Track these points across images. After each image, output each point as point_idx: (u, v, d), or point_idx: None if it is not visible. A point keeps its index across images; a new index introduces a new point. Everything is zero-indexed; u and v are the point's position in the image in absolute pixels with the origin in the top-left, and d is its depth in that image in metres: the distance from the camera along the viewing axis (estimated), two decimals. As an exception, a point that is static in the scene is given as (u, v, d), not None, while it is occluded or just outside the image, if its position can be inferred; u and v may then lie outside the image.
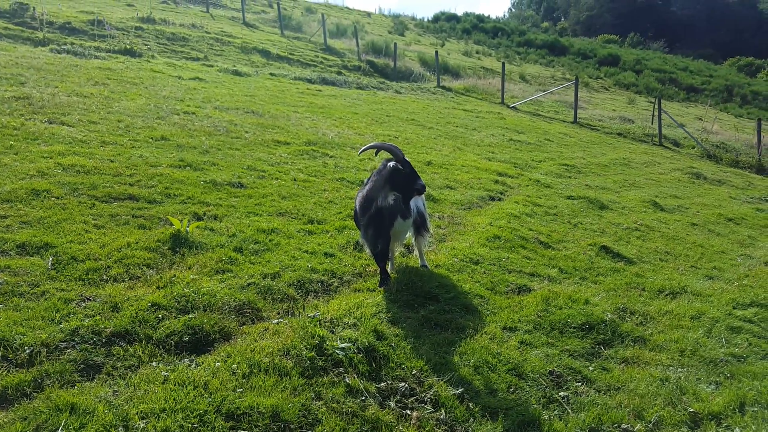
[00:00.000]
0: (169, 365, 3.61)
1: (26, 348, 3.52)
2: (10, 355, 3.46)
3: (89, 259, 4.76)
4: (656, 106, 20.97)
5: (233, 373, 3.56)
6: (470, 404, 3.74)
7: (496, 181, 10.02)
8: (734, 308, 6.03)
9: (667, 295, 6.27)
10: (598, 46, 47.27)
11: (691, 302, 6.06)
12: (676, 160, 16.67)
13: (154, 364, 3.61)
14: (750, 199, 12.86)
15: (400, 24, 41.90)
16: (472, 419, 3.60)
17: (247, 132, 9.97)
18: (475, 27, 48.32)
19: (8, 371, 3.35)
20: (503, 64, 24.06)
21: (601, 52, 43.93)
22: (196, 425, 3.08)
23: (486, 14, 54.85)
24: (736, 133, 22.42)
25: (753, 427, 3.82)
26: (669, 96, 34.17)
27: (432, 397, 3.73)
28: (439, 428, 3.47)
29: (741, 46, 56.34)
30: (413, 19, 48.17)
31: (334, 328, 4.27)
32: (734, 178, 15.23)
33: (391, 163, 4.87)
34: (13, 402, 3.15)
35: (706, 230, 9.58)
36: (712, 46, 59.18)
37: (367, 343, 4.05)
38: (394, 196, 4.96)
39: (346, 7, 48.27)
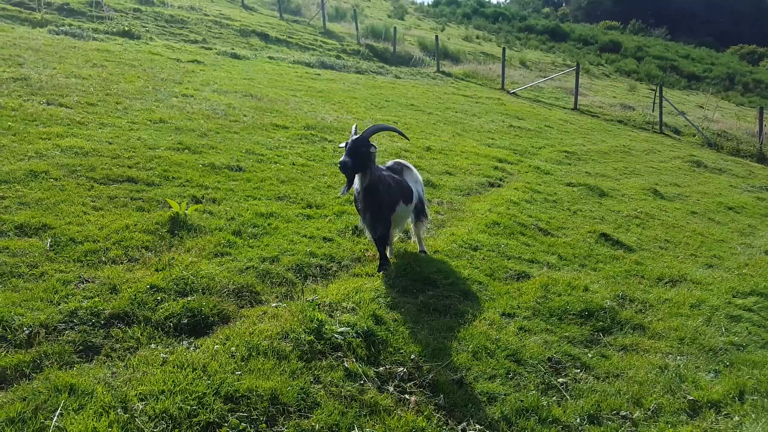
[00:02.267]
0: (167, 347, 3.60)
1: (25, 329, 3.50)
2: (9, 336, 3.44)
3: (88, 240, 4.73)
4: (657, 94, 20.87)
5: (232, 355, 3.55)
6: (469, 389, 3.73)
7: (496, 168, 9.99)
8: (734, 297, 6.03)
9: (666, 283, 6.27)
10: (600, 33, 46.97)
11: (691, 290, 6.06)
12: (677, 148, 16.63)
13: (152, 346, 3.60)
14: (750, 187, 12.84)
15: (399, 8, 41.59)
16: (470, 404, 3.60)
17: (245, 115, 9.91)
18: (475, 11, 48.04)
19: (7, 352, 3.33)
20: (504, 49, 23.88)
21: (603, 38, 43.68)
22: (194, 407, 3.08)
23: (487, -1, 54.59)
24: (737, 122, 22.34)
25: (752, 415, 3.83)
26: (670, 83, 34.01)
27: (430, 381, 3.73)
28: (437, 413, 3.47)
29: (741, 35, 55.98)
30: (413, 3, 47.89)
31: (332, 312, 4.26)
32: (735, 167, 15.20)
33: (341, 144, 4.86)
34: (12, 382, 3.14)
35: (706, 219, 9.57)
36: (712, 34, 58.79)
37: (365, 328, 4.04)
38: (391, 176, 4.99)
39: (346, -10, 47.90)
